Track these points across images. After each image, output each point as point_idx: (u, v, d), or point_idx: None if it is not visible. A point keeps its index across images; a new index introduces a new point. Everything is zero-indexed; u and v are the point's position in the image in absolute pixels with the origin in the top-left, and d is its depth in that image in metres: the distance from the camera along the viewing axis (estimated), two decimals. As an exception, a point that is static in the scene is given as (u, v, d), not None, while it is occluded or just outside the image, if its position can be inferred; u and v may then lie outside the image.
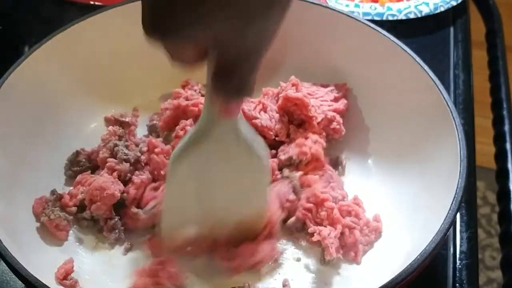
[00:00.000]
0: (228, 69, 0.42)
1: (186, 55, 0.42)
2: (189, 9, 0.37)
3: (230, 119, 0.48)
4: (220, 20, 0.38)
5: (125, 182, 0.59)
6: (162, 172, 0.59)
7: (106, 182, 0.57)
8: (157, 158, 0.59)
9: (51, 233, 0.57)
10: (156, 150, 0.60)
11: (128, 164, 0.59)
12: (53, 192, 0.59)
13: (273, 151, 0.62)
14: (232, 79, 0.42)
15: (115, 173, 0.59)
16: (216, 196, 0.53)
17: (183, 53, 0.42)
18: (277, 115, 0.63)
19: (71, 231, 0.58)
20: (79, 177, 0.60)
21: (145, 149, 0.61)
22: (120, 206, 0.58)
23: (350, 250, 0.56)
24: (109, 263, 0.57)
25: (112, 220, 0.57)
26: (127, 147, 0.61)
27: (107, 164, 0.59)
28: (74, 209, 0.58)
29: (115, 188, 0.57)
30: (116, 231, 0.57)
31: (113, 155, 0.60)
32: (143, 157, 0.60)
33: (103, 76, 0.67)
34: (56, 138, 0.63)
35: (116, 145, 0.60)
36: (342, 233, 0.56)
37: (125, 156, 0.59)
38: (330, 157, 0.64)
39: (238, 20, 0.38)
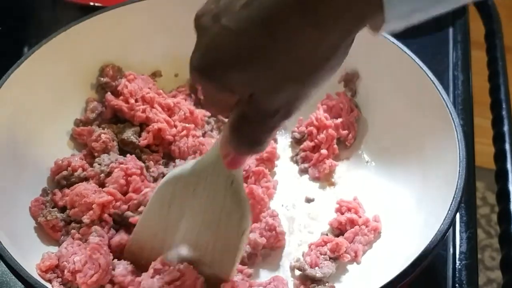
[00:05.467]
0: (251, 122, 0.42)
1: (219, 101, 0.43)
2: (236, 61, 0.39)
3: (231, 170, 0.49)
4: (261, 77, 0.39)
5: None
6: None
7: (87, 190, 0.57)
8: (115, 173, 0.59)
9: (47, 233, 0.57)
10: (121, 166, 0.59)
11: (99, 167, 0.60)
12: (44, 190, 0.59)
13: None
14: (250, 134, 0.43)
15: (94, 179, 0.59)
16: (188, 235, 0.52)
17: (217, 98, 0.43)
18: None
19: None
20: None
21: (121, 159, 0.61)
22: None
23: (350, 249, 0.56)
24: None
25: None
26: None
27: (88, 174, 0.59)
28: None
29: (94, 197, 0.57)
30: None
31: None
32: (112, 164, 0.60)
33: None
34: (56, 138, 0.63)
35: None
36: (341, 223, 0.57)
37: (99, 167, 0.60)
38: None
39: (278, 81, 0.39)
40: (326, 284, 0.54)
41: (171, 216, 0.52)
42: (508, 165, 0.66)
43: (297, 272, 0.55)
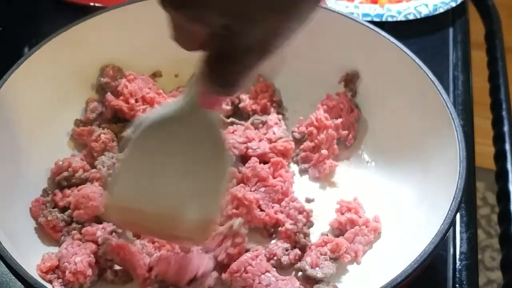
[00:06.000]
0: (225, 59, 0.40)
1: (191, 34, 0.41)
2: None
3: (208, 110, 0.47)
4: (236, 6, 0.37)
5: None
6: None
7: (94, 193, 0.57)
8: None
9: (48, 234, 0.57)
10: None
11: (105, 169, 0.60)
12: (45, 190, 0.59)
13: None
14: (225, 71, 0.41)
15: (99, 182, 0.59)
16: (171, 181, 0.51)
17: (188, 32, 0.41)
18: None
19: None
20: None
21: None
22: None
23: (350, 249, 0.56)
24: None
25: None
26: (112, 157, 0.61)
27: (91, 175, 0.59)
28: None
29: (101, 202, 0.57)
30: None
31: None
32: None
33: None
34: (56, 138, 0.63)
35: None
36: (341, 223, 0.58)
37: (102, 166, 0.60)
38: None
39: (252, 11, 0.37)
40: (329, 283, 0.54)
41: (152, 166, 0.50)
42: (508, 165, 0.66)
43: (298, 273, 0.55)
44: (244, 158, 0.62)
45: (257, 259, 0.53)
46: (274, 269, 0.54)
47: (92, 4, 0.79)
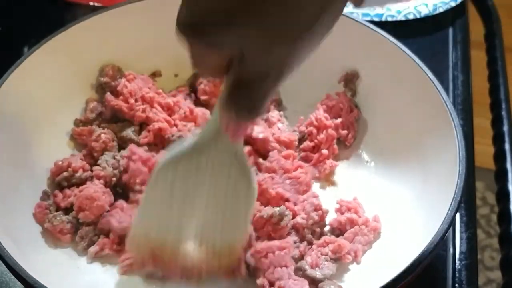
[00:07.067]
0: (246, 86, 0.41)
1: (209, 62, 0.42)
2: (225, 17, 0.37)
3: (234, 140, 0.47)
4: (252, 35, 0.38)
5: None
6: (137, 180, 0.59)
7: (97, 193, 0.57)
8: (133, 165, 0.59)
9: (56, 238, 0.57)
10: (134, 157, 0.60)
11: (111, 168, 0.60)
12: (45, 193, 0.59)
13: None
14: (247, 98, 0.42)
15: (101, 180, 0.59)
16: (196, 213, 0.51)
17: (207, 59, 0.41)
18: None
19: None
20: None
21: (126, 154, 0.61)
22: None
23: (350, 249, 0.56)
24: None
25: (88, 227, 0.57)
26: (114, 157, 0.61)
27: (94, 173, 0.60)
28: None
29: (106, 200, 0.57)
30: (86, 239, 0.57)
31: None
32: (122, 162, 0.60)
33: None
34: (56, 138, 0.63)
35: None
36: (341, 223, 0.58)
37: (106, 165, 0.60)
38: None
39: (270, 39, 0.38)
40: (334, 282, 0.54)
41: (175, 199, 0.51)
42: (508, 165, 0.66)
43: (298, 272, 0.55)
44: (247, 141, 0.62)
45: (282, 251, 0.54)
46: (293, 266, 0.54)
47: (92, 3, 0.79)
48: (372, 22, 0.68)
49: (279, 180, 0.59)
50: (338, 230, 0.59)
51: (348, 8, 0.80)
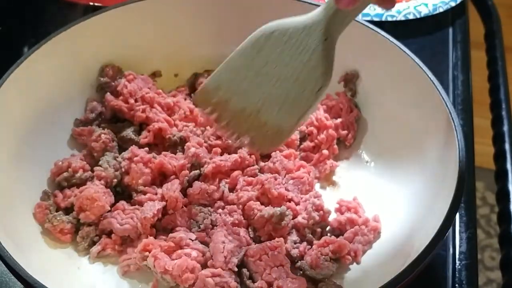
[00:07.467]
0: None
1: None
2: None
3: (343, 7, 0.49)
4: None
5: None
6: (140, 181, 0.59)
7: (98, 193, 0.57)
8: (135, 167, 0.59)
9: (56, 238, 0.57)
10: (136, 159, 0.60)
11: (112, 170, 0.60)
12: (45, 193, 0.59)
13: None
14: None
15: (102, 181, 0.59)
16: (264, 86, 0.53)
17: None
18: None
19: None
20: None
21: (127, 155, 0.61)
22: None
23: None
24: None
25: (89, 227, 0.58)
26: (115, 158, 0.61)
27: (95, 173, 0.60)
28: None
29: (106, 200, 0.57)
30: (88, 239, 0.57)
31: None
32: (123, 163, 0.60)
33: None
34: (56, 138, 0.63)
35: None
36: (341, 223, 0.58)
37: (107, 165, 0.60)
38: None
39: None
40: (334, 282, 0.54)
41: (254, 66, 0.53)
42: (508, 165, 0.66)
43: (298, 272, 0.55)
44: None
45: (275, 251, 0.54)
46: (289, 264, 0.54)
47: (92, 4, 0.79)
48: (372, 22, 0.68)
49: (282, 181, 0.59)
50: (338, 230, 0.59)
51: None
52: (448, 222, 0.50)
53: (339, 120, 0.65)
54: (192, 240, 0.55)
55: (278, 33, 0.52)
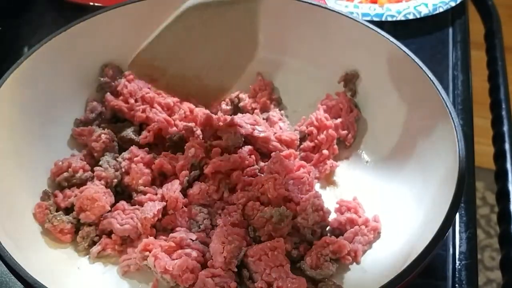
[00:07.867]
0: None
1: None
2: None
3: None
4: None
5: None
6: (140, 181, 0.59)
7: (98, 193, 0.57)
8: (135, 167, 0.59)
9: (56, 238, 0.57)
10: (136, 159, 0.60)
11: (113, 170, 0.60)
12: (46, 193, 0.59)
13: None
14: None
15: (102, 181, 0.59)
16: (201, 55, 0.57)
17: None
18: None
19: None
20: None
21: (127, 156, 0.61)
22: None
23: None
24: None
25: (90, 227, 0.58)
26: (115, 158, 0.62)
27: (95, 173, 0.60)
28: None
29: (107, 200, 0.57)
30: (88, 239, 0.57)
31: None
32: (123, 163, 0.61)
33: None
34: (56, 138, 0.63)
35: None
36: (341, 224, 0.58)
37: (107, 165, 0.60)
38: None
39: None
40: (334, 282, 0.54)
41: (191, 38, 0.56)
42: (508, 165, 0.66)
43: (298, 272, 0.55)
44: (248, 140, 0.63)
45: (275, 251, 0.54)
46: (289, 264, 0.54)
47: (92, 4, 0.79)
48: (372, 22, 0.68)
49: (282, 181, 0.59)
50: (338, 230, 0.59)
51: (349, 8, 0.80)
52: (448, 222, 0.50)
53: (339, 120, 0.65)
54: (193, 240, 0.55)
55: (214, 10, 0.54)
